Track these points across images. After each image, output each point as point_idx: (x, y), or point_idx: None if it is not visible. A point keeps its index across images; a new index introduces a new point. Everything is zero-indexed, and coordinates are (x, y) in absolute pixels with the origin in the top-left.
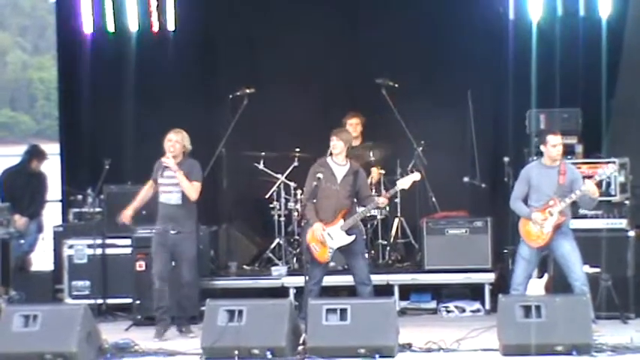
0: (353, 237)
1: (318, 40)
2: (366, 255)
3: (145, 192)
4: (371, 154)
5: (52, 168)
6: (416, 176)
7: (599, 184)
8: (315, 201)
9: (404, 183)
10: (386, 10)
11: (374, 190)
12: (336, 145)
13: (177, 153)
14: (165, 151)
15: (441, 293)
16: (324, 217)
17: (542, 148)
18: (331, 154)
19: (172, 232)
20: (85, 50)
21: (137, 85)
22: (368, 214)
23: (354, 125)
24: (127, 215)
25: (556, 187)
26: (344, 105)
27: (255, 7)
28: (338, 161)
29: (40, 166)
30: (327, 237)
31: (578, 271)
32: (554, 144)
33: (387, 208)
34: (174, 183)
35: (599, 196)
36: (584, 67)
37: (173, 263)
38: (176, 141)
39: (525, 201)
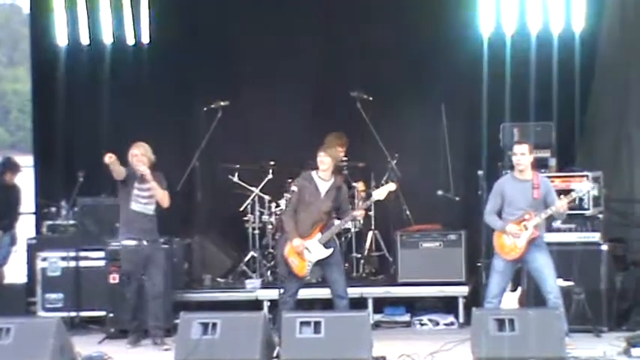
0: (331, 250)
1: (294, 53)
2: (343, 268)
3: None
4: (345, 169)
5: (25, 180)
6: (391, 187)
7: (574, 200)
8: (294, 214)
9: (379, 194)
10: (362, 23)
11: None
12: (324, 160)
13: (147, 166)
14: (132, 166)
15: (415, 306)
16: (302, 230)
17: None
18: (316, 168)
19: (146, 242)
20: (60, 62)
21: (111, 97)
22: (344, 227)
23: (341, 151)
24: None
25: (530, 201)
26: (318, 117)
27: (229, 20)
28: (323, 176)
29: (14, 178)
30: (305, 251)
31: (552, 284)
32: (514, 152)
33: (361, 221)
34: (152, 195)
35: (573, 209)
36: (559, 81)
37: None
38: (142, 154)
39: (499, 214)
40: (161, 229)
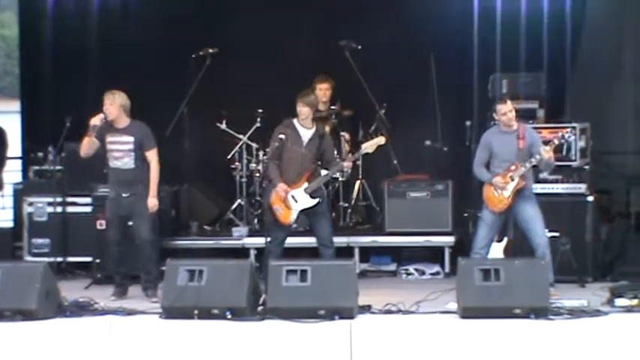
0: (317, 200)
1: (283, 1)
2: (330, 217)
3: (87, 148)
4: (334, 117)
5: (12, 125)
6: (380, 140)
7: (557, 148)
8: (278, 162)
9: (368, 147)
10: None
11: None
12: (302, 111)
13: (115, 115)
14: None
15: (401, 256)
16: (288, 179)
17: (495, 116)
18: (296, 115)
19: (125, 195)
20: (47, 8)
21: (99, 42)
22: (331, 177)
23: (323, 90)
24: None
25: (516, 152)
26: (307, 66)
27: None
28: (305, 124)
29: None
30: (291, 199)
31: (541, 235)
32: (503, 112)
33: (349, 171)
34: (127, 149)
35: (560, 160)
36: (549, 32)
37: (130, 223)
38: (110, 104)
39: (487, 166)
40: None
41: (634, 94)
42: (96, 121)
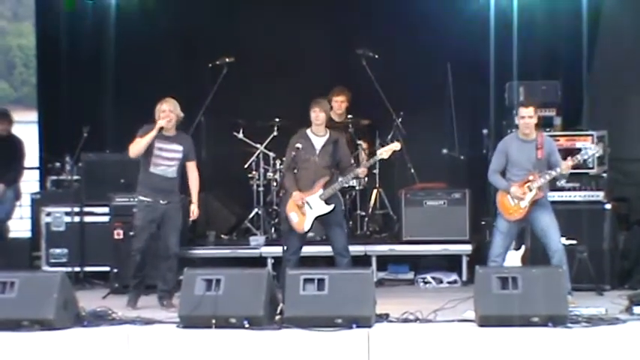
0: (332, 206)
1: (299, 9)
2: (345, 226)
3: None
4: (350, 126)
5: (30, 135)
6: (396, 146)
7: (579, 162)
8: (295, 171)
9: (384, 153)
10: None
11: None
12: (319, 116)
13: (173, 124)
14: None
15: (419, 264)
16: (303, 187)
17: (516, 120)
18: (311, 124)
19: (163, 202)
20: (64, 17)
21: (116, 52)
22: (347, 184)
23: (339, 102)
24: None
25: (534, 162)
26: (324, 75)
27: None
28: (317, 132)
29: (9, 129)
30: (306, 206)
31: (557, 243)
32: (522, 116)
33: (366, 179)
34: (174, 157)
35: (577, 168)
36: (565, 40)
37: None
38: (170, 111)
39: (503, 173)
40: None
41: None
42: (163, 124)
